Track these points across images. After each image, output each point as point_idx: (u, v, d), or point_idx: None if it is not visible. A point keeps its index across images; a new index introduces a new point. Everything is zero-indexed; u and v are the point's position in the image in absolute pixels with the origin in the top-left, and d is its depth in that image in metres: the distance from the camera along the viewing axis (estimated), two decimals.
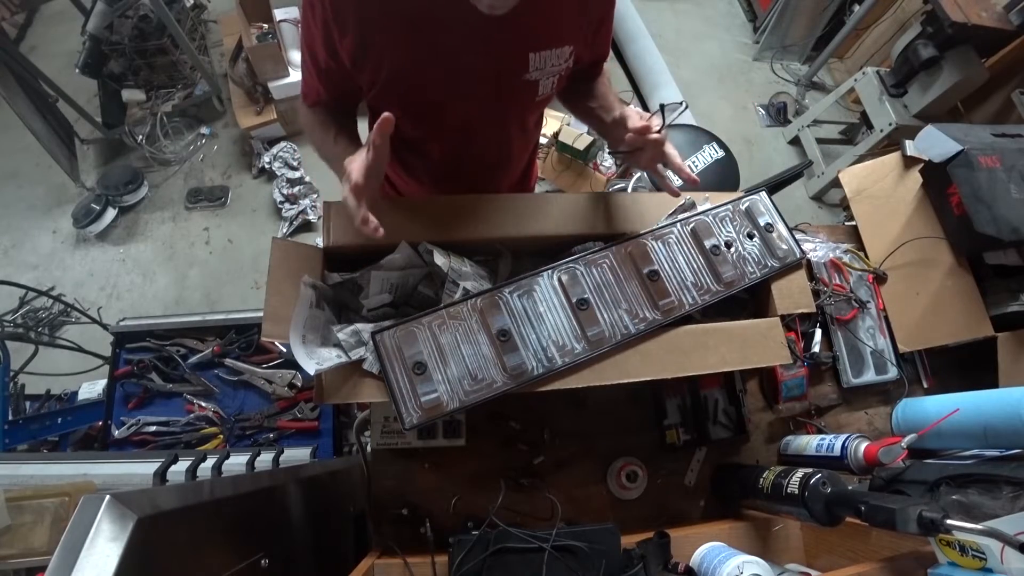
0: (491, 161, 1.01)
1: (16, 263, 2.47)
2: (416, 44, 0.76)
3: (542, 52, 0.80)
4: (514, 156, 1.04)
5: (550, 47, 0.80)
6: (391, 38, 0.75)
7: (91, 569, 0.44)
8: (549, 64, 0.81)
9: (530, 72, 0.81)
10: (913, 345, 1.07)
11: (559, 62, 0.82)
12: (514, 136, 0.98)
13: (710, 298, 0.85)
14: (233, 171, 2.68)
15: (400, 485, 0.94)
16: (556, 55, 0.81)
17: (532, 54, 0.79)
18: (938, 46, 2.22)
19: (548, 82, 0.84)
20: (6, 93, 2.29)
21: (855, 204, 1.17)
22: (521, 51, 0.79)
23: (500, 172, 1.06)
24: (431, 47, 0.76)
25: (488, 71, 0.80)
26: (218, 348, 1.38)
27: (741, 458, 1.02)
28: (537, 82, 0.83)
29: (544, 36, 0.79)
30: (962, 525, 0.57)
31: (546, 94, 0.86)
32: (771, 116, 3.09)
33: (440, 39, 0.75)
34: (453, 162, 0.96)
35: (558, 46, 0.80)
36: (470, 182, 1.01)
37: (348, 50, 0.76)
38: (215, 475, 0.77)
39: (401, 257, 0.82)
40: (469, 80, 0.81)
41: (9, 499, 0.78)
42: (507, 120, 0.93)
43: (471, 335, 0.76)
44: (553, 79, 0.85)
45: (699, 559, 0.78)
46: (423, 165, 0.99)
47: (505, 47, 0.78)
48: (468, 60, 0.78)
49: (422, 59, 0.77)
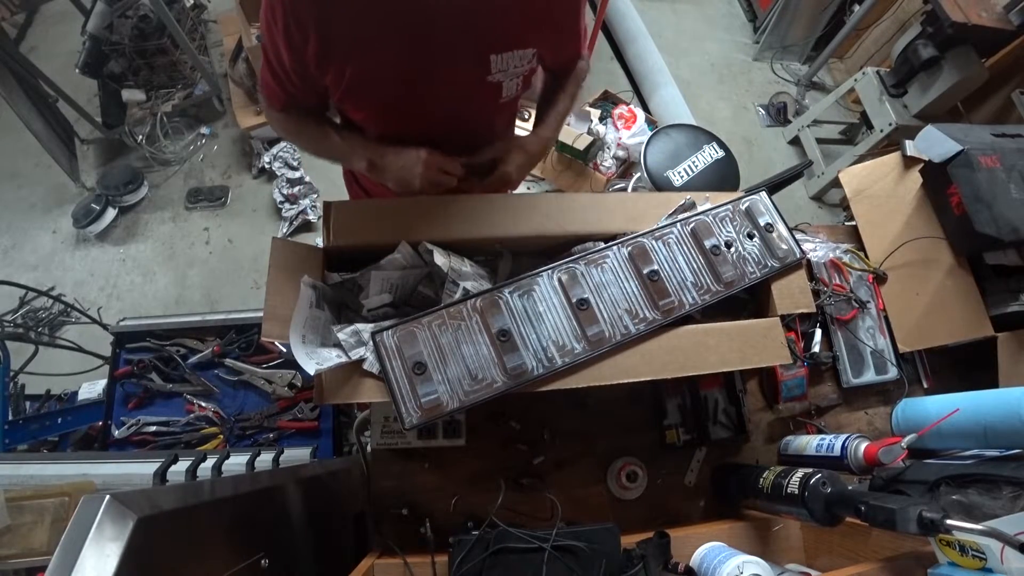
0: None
1: (16, 263, 2.47)
2: (376, 48, 0.76)
3: (504, 54, 0.79)
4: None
5: (512, 48, 0.80)
6: (351, 43, 0.75)
7: (91, 569, 0.44)
8: (512, 66, 0.81)
9: (492, 74, 0.81)
10: (913, 345, 1.07)
11: (522, 63, 0.82)
12: (481, 135, 0.97)
13: (710, 298, 0.85)
14: (233, 171, 2.68)
15: (400, 485, 0.94)
16: (518, 57, 0.81)
17: (493, 56, 0.79)
18: (938, 46, 2.22)
19: (512, 83, 0.84)
20: (6, 93, 2.29)
21: (855, 204, 1.17)
22: (482, 53, 0.79)
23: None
24: (391, 51, 0.76)
25: (449, 74, 0.80)
26: (218, 348, 1.38)
27: (741, 458, 1.02)
28: (500, 84, 0.83)
29: (505, 38, 0.79)
30: (962, 525, 0.57)
31: (511, 96, 0.86)
32: (771, 116, 3.09)
33: (400, 43, 0.75)
34: None
35: (520, 48, 0.80)
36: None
37: (312, 55, 0.76)
38: (215, 475, 0.77)
39: (401, 257, 0.82)
40: (430, 83, 0.81)
41: (9, 499, 0.78)
42: (474, 122, 0.92)
43: (471, 335, 0.76)
44: (517, 80, 0.84)
45: (699, 559, 0.78)
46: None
47: (465, 49, 0.78)
48: (428, 63, 0.78)
49: (383, 63, 0.77)
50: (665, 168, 1.72)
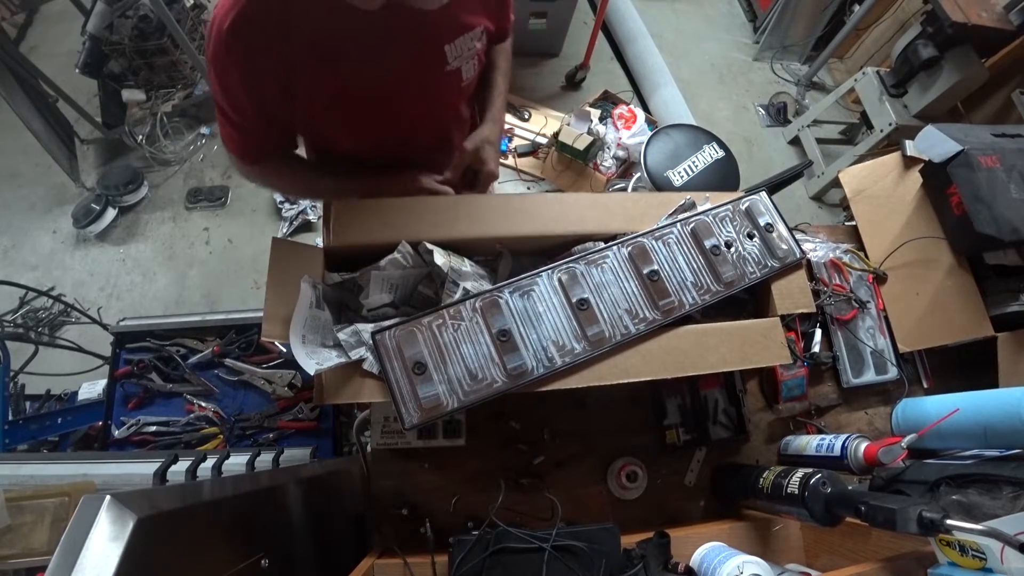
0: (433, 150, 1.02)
1: (16, 263, 2.47)
2: (333, 69, 0.76)
3: (455, 41, 0.81)
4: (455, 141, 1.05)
5: (461, 33, 0.81)
6: (308, 71, 0.75)
7: (91, 569, 0.44)
8: (465, 49, 0.83)
9: (449, 63, 0.83)
10: (913, 345, 1.07)
11: (473, 44, 0.84)
12: (451, 123, 0.99)
13: (710, 298, 0.85)
14: (233, 171, 2.68)
15: (400, 485, 0.94)
16: (469, 39, 0.83)
17: (447, 46, 0.81)
18: (938, 46, 2.22)
19: (469, 65, 0.86)
20: (6, 93, 2.29)
21: (855, 204, 1.17)
22: (436, 46, 0.80)
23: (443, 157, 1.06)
24: (348, 68, 0.77)
25: (408, 74, 0.81)
26: (218, 348, 1.38)
27: (741, 458, 1.02)
28: (459, 69, 0.85)
29: (453, 25, 0.80)
30: (962, 525, 0.57)
31: (470, 77, 0.88)
32: (771, 116, 3.09)
33: (353, 56, 0.76)
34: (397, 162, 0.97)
35: (469, 29, 0.82)
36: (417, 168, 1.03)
37: (273, 96, 0.77)
38: (215, 475, 0.77)
39: (401, 257, 0.82)
40: (392, 88, 0.82)
41: (9, 499, 0.78)
42: (440, 112, 0.94)
43: (471, 335, 0.76)
44: (473, 61, 0.86)
45: (699, 559, 0.78)
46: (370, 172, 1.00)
47: (418, 48, 0.79)
48: (385, 70, 0.79)
49: (343, 82, 0.78)
50: (665, 168, 1.72)
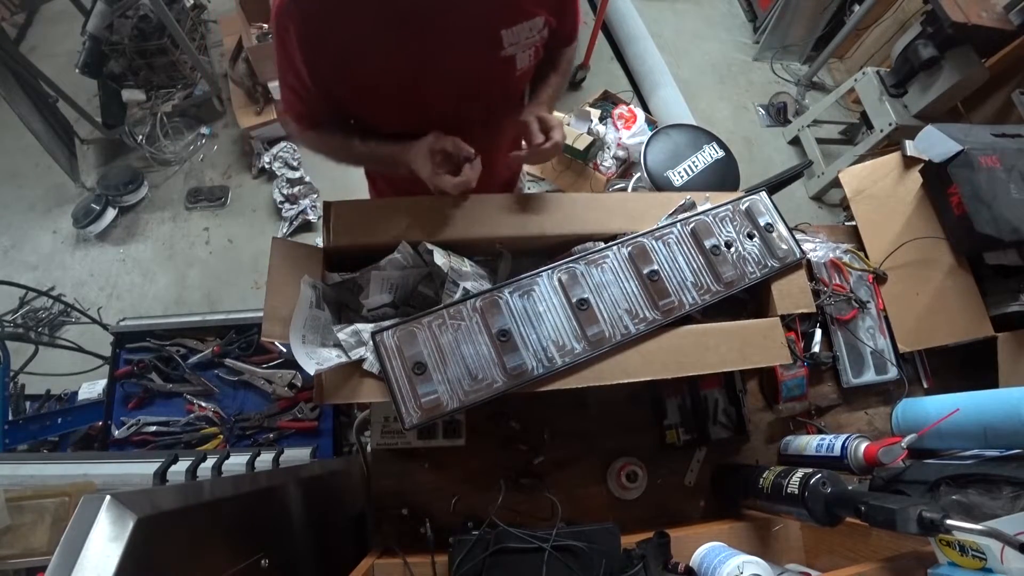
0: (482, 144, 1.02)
1: (16, 263, 2.47)
2: (391, 43, 0.77)
3: (514, 27, 0.81)
4: (504, 134, 1.05)
5: (521, 20, 0.81)
6: (366, 40, 0.76)
7: (91, 569, 0.44)
8: (523, 37, 0.83)
9: (505, 48, 0.82)
10: (913, 345, 1.07)
11: (532, 34, 0.83)
12: (503, 115, 0.99)
13: (710, 298, 0.85)
14: (233, 171, 2.68)
15: (400, 485, 0.94)
16: (528, 27, 0.82)
17: (505, 30, 0.80)
18: (938, 46, 2.22)
19: (525, 55, 0.86)
20: (6, 93, 2.29)
21: (855, 204, 1.17)
22: (493, 29, 0.80)
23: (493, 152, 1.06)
24: (404, 42, 0.77)
25: (464, 55, 0.81)
26: (218, 348, 1.38)
27: (741, 458, 1.02)
28: (514, 57, 0.84)
29: (514, 10, 0.80)
30: (962, 525, 0.57)
31: (524, 67, 0.88)
32: (771, 116, 3.09)
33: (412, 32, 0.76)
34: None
35: (529, 18, 0.82)
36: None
37: (329, 63, 0.78)
38: (215, 475, 0.77)
39: (401, 257, 0.82)
40: (448, 67, 0.82)
41: (9, 499, 0.78)
42: (492, 100, 0.94)
43: (471, 335, 0.76)
44: (529, 52, 0.86)
45: (699, 559, 0.78)
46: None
47: (477, 28, 0.79)
48: (443, 48, 0.79)
49: (399, 56, 0.78)
50: (665, 168, 1.72)
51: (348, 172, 1.10)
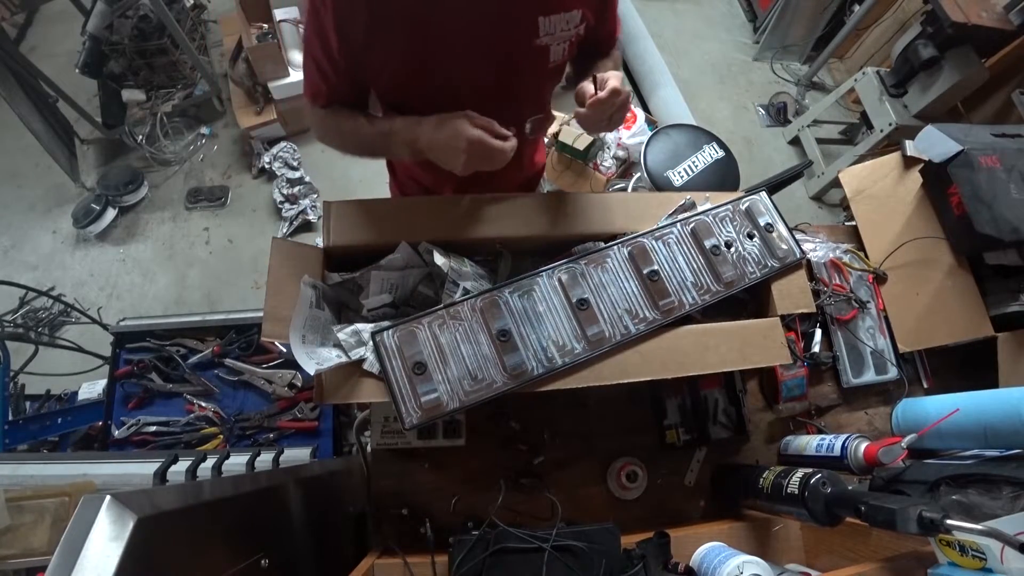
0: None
1: (16, 263, 2.47)
2: (426, 20, 0.76)
3: (551, 16, 0.80)
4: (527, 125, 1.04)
5: (559, 11, 0.80)
6: (401, 19, 0.75)
7: (91, 569, 0.44)
8: (559, 29, 0.81)
9: (540, 37, 0.81)
10: (913, 345, 1.07)
11: (569, 27, 0.82)
12: (527, 110, 0.97)
13: (710, 298, 0.85)
14: (233, 171, 2.68)
15: (400, 485, 0.94)
16: (565, 19, 0.81)
17: (542, 18, 0.79)
18: (938, 46, 2.21)
19: (559, 48, 0.84)
20: (6, 93, 2.28)
21: (855, 204, 1.17)
22: (530, 15, 0.79)
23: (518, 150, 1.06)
24: (441, 23, 0.76)
25: (498, 38, 0.80)
26: (218, 348, 1.38)
27: (741, 458, 1.02)
28: (548, 47, 0.83)
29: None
30: (962, 525, 0.57)
31: (558, 61, 0.86)
32: (771, 116, 3.09)
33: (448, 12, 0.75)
34: None
35: (567, 9, 0.81)
36: None
37: (359, 40, 0.76)
38: (215, 475, 0.77)
39: (401, 257, 0.82)
40: (481, 50, 0.81)
41: (9, 499, 0.78)
42: (522, 91, 0.92)
43: (471, 335, 0.76)
44: (564, 45, 0.85)
45: (699, 559, 0.78)
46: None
47: (514, 11, 0.78)
48: (478, 28, 0.78)
49: (433, 35, 0.77)
50: (665, 168, 1.72)
51: (348, 172, 1.10)
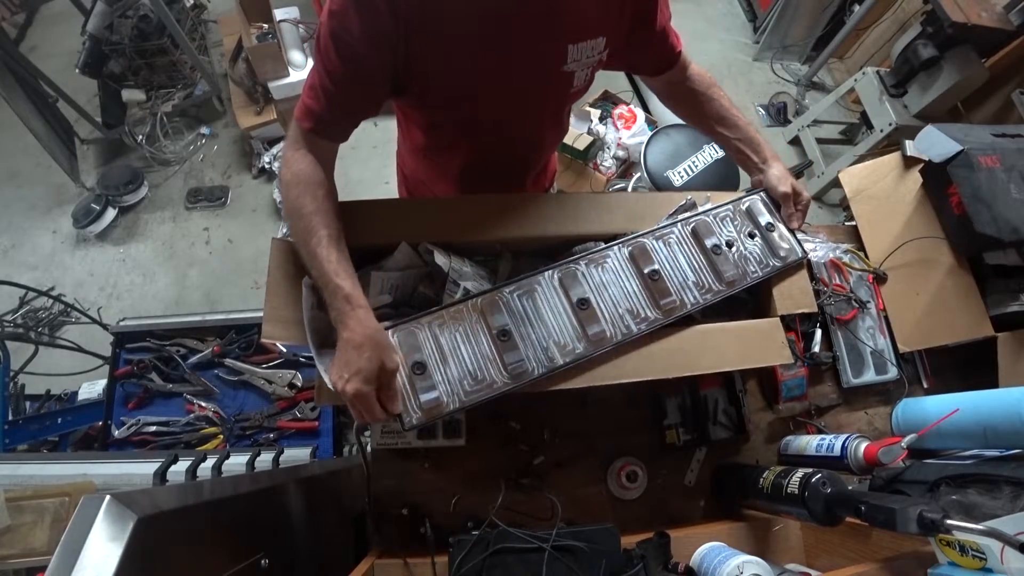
0: (523, 155, 1.02)
1: (16, 263, 2.47)
2: (464, 41, 0.75)
3: (579, 44, 0.81)
4: (546, 149, 1.06)
5: (586, 38, 0.81)
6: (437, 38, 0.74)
7: (91, 569, 0.44)
8: (585, 56, 0.82)
9: (567, 63, 0.82)
10: (913, 345, 1.07)
11: (593, 54, 0.83)
12: (547, 129, 0.99)
13: (712, 297, 0.85)
14: (233, 171, 2.68)
15: (400, 485, 0.94)
16: (591, 47, 0.82)
17: (571, 46, 0.80)
18: (938, 46, 2.21)
19: (583, 74, 0.86)
20: (6, 93, 2.29)
21: (855, 204, 1.17)
22: (561, 43, 0.80)
23: (530, 165, 1.07)
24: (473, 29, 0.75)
25: (528, 63, 0.80)
26: (218, 348, 1.38)
27: (741, 458, 1.02)
28: (573, 74, 0.84)
29: (582, 27, 0.80)
30: (962, 525, 0.57)
31: (579, 86, 0.88)
32: (771, 116, 3.09)
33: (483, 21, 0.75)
34: (486, 158, 0.97)
35: (593, 37, 0.81)
36: (501, 175, 1.02)
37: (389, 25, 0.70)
38: (215, 475, 0.77)
39: (401, 257, 0.82)
40: (509, 72, 0.81)
41: (9, 499, 0.78)
42: (542, 113, 0.94)
43: (471, 335, 0.76)
44: (587, 71, 0.86)
45: (699, 559, 0.78)
46: (458, 162, 0.99)
47: (546, 39, 0.79)
48: (510, 52, 0.78)
49: (470, 55, 0.77)
50: (665, 168, 1.72)
51: (347, 173, 1.11)
